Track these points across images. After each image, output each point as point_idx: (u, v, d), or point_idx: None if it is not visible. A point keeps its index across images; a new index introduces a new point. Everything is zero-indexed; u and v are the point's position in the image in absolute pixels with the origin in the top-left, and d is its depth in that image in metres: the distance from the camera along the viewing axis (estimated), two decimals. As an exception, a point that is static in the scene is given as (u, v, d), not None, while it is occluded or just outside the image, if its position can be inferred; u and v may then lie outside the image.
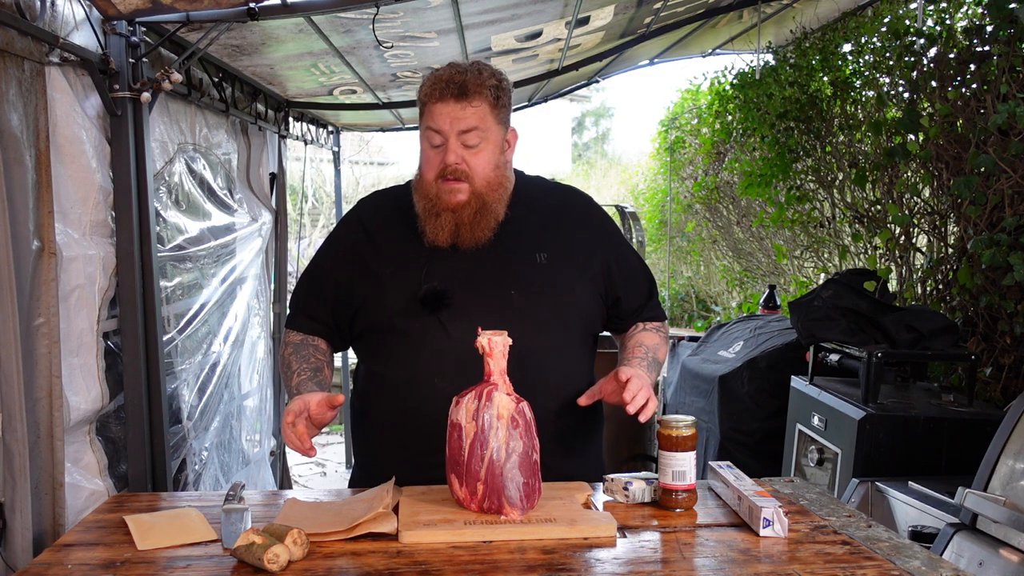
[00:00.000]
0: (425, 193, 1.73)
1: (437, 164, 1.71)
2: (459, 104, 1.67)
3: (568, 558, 1.34)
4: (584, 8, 3.48)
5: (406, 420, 1.72)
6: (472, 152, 1.69)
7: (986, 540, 1.99)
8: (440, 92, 1.67)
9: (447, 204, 1.70)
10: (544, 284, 1.75)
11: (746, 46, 5.37)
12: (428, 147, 1.72)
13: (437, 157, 1.71)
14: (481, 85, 1.68)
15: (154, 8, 2.21)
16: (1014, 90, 3.04)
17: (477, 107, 1.68)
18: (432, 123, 1.69)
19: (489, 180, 1.72)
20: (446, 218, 1.71)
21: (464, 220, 1.71)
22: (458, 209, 1.70)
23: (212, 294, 3.23)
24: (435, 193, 1.71)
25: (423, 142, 1.74)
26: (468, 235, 1.72)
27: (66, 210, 2.12)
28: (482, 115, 1.68)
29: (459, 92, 1.66)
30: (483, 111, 1.69)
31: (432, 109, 1.69)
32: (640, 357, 1.82)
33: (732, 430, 3.70)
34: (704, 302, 8.45)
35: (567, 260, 1.79)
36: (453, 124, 1.67)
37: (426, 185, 1.73)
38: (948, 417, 2.67)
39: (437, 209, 1.71)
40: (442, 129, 1.68)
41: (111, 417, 2.39)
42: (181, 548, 1.40)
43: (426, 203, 1.73)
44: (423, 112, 1.73)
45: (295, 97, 4.19)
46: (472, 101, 1.67)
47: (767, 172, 4.97)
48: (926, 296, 3.79)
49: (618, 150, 20.65)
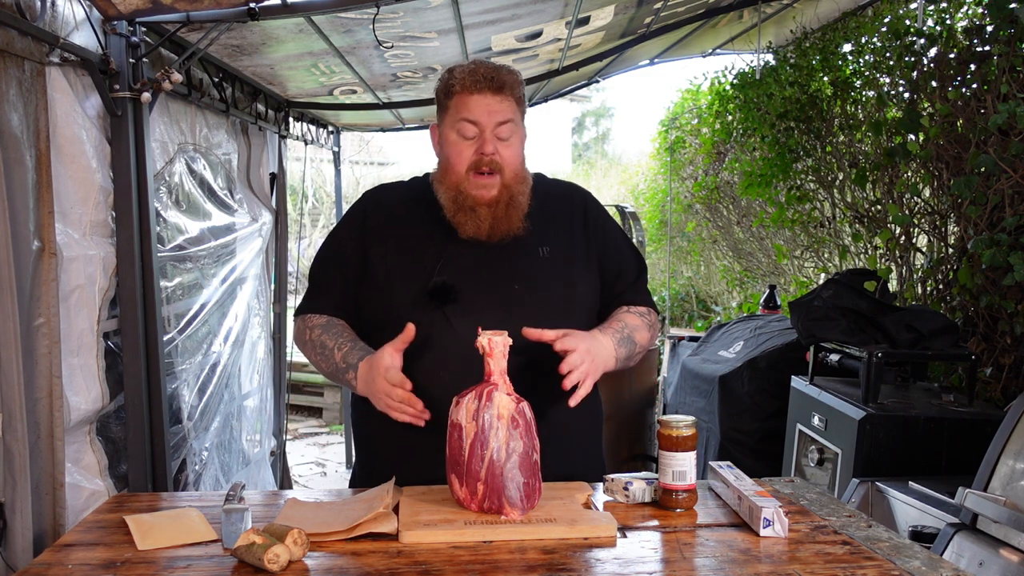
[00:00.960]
0: (455, 186, 1.73)
1: (470, 155, 1.72)
2: (496, 97, 1.71)
3: (568, 558, 1.34)
4: (584, 8, 3.48)
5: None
6: (504, 145, 1.73)
7: (986, 540, 1.99)
8: (477, 84, 1.70)
9: (480, 199, 1.71)
10: (548, 278, 1.77)
11: (746, 46, 5.37)
12: (459, 139, 1.73)
13: (470, 148, 1.72)
14: (514, 82, 1.74)
15: (154, 8, 2.21)
16: (1014, 90, 3.04)
17: (510, 102, 1.73)
18: (468, 114, 1.71)
19: (517, 173, 1.75)
20: (483, 212, 1.72)
21: (498, 215, 1.73)
22: (492, 204, 1.72)
23: (212, 294, 3.23)
24: (466, 187, 1.72)
25: (450, 134, 1.74)
26: (503, 228, 1.74)
27: (66, 210, 2.12)
28: (514, 110, 1.74)
29: (497, 86, 1.71)
30: (514, 106, 1.74)
31: (467, 100, 1.71)
32: (615, 329, 1.76)
33: (732, 430, 3.70)
34: (704, 302, 8.45)
35: (568, 253, 1.81)
36: (491, 116, 1.70)
37: (456, 178, 1.73)
38: (948, 417, 2.67)
39: (471, 204, 1.72)
40: (479, 120, 1.70)
41: (111, 417, 2.39)
42: (181, 548, 1.40)
43: (457, 195, 1.73)
44: (450, 105, 1.74)
45: (295, 97, 4.19)
46: (507, 95, 1.72)
47: (767, 172, 4.97)
48: (926, 296, 3.79)
49: (618, 150, 20.67)
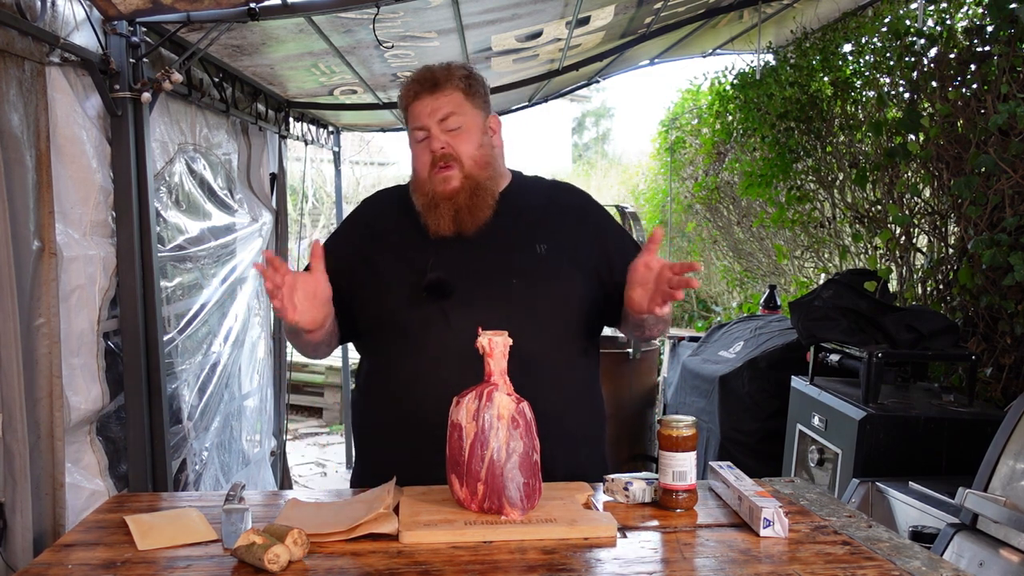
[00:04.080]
0: (421, 188, 1.80)
1: (427, 156, 1.78)
2: (432, 96, 1.77)
3: (568, 558, 1.34)
4: (584, 8, 3.48)
5: (409, 415, 1.72)
6: (455, 135, 1.77)
7: (986, 540, 1.99)
8: (415, 91, 1.79)
9: (442, 193, 1.76)
10: (545, 274, 1.78)
11: (746, 46, 5.37)
12: (415, 145, 1.82)
13: (425, 150, 1.78)
14: (450, 76, 1.79)
15: (154, 8, 2.21)
16: (1014, 90, 3.04)
17: (450, 95, 1.78)
18: (415, 121, 1.79)
19: (476, 160, 1.79)
20: (445, 207, 1.76)
21: (462, 205, 1.76)
22: (454, 196, 1.76)
23: (212, 294, 3.23)
24: (430, 185, 1.77)
25: (412, 146, 1.83)
26: (469, 219, 1.77)
27: (66, 210, 2.12)
28: (457, 101, 1.78)
29: (431, 86, 1.78)
30: (457, 98, 1.78)
31: (412, 109, 1.80)
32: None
33: (732, 430, 3.70)
34: (704, 302, 8.44)
35: (566, 251, 1.82)
36: (432, 114, 1.77)
37: (421, 181, 1.80)
38: (948, 417, 2.67)
39: (435, 200, 1.77)
40: (423, 123, 1.78)
41: (111, 417, 2.39)
42: (181, 548, 1.40)
43: (423, 198, 1.79)
44: (407, 117, 1.84)
45: (295, 97, 4.19)
46: (444, 91, 1.78)
47: (767, 172, 4.97)
48: (926, 296, 3.79)
49: (618, 150, 20.62)
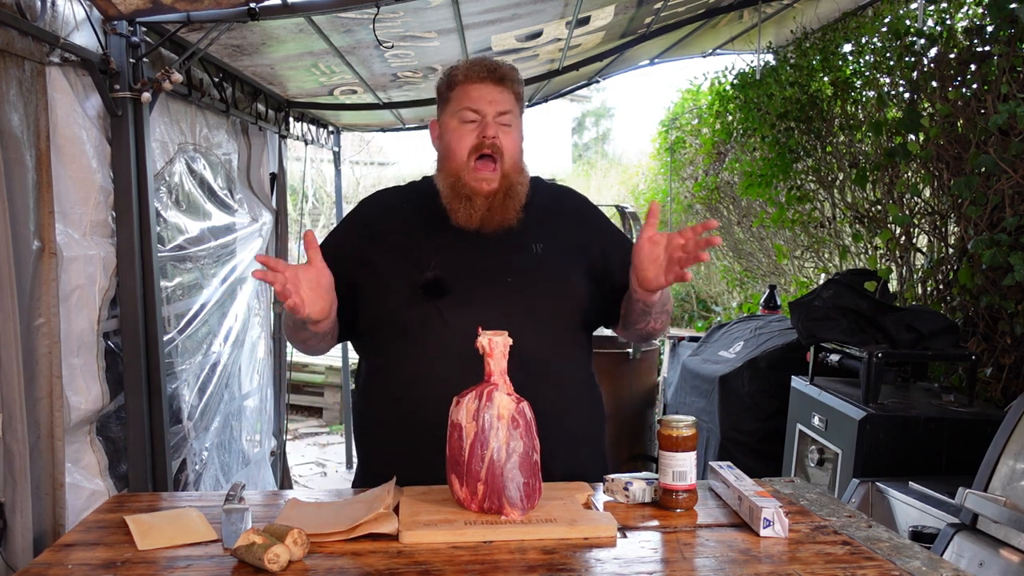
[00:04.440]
0: (455, 172, 1.76)
1: (472, 139, 1.75)
2: (497, 87, 1.77)
3: (568, 558, 1.34)
4: (584, 8, 3.48)
5: (408, 415, 1.72)
6: (505, 132, 1.78)
7: (986, 540, 1.99)
8: (479, 75, 1.77)
9: (478, 191, 1.75)
10: (541, 273, 1.78)
11: (746, 46, 5.37)
12: (460, 125, 1.78)
13: (472, 133, 1.76)
14: (514, 77, 1.81)
15: (154, 8, 2.21)
16: (1014, 90, 3.04)
17: (510, 94, 1.79)
18: (470, 103, 1.76)
19: (516, 162, 1.80)
20: (479, 202, 1.75)
21: (495, 205, 1.76)
22: (490, 196, 1.76)
23: (212, 294, 3.23)
24: (466, 177, 1.75)
25: (451, 122, 1.79)
26: (498, 218, 1.77)
27: (66, 210, 2.12)
28: (513, 102, 1.80)
29: (498, 77, 1.78)
30: (513, 99, 1.80)
31: (469, 90, 1.77)
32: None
33: (732, 430, 3.70)
34: (704, 302, 8.44)
35: (562, 251, 1.82)
36: (492, 104, 1.76)
37: (457, 164, 1.77)
38: (948, 417, 2.67)
39: (468, 193, 1.75)
40: (481, 108, 1.76)
41: (111, 417, 2.39)
42: (181, 548, 1.40)
43: (455, 183, 1.76)
44: (452, 96, 1.80)
45: (295, 97, 4.19)
46: (507, 87, 1.79)
47: (767, 172, 4.97)
48: (926, 296, 3.79)
49: (618, 150, 20.60)
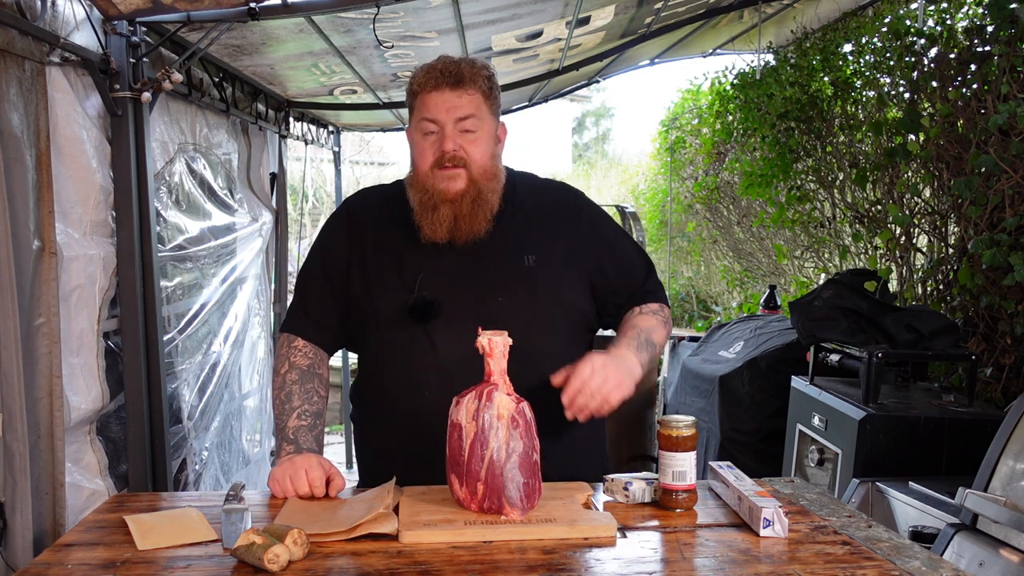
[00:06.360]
0: (421, 185, 1.69)
1: (433, 153, 1.67)
2: (455, 92, 1.65)
3: (568, 558, 1.34)
4: (584, 8, 3.48)
5: (399, 427, 1.72)
6: (469, 140, 1.67)
7: (986, 540, 1.98)
8: (435, 81, 1.66)
9: (445, 194, 1.66)
10: (532, 289, 1.71)
11: (747, 46, 5.37)
12: (421, 138, 1.69)
13: (432, 146, 1.67)
14: (476, 75, 1.67)
15: (155, 8, 2.21)
16: (1015, 90, 3.04)
17: (472, 95, 1.66)
18: (427, 113, 1.66)
19: (485, 168, 1.69)
20: (444, 211, 1.66)
21: (463, 212, 1.67)
22: (456, 199, 1.66)
23: (212, 294, 3.24)
24: (432, 183, 1.67)
25: (415, 135, 1.71)
26: (466, 228, 1.68)
27: (66, 210, 2.12)
28: (477, 103, 1.67)
29: (455, 81, 1.65)
30: (478, 100, 1.67)
31: (426, 99, 1.66)
32: (630, 338, 1.72)
33: (732, 430, 3.70)
34: (704, 302, 8.44)
35: (555, 260, 1.75)
36: (450, 112, 1.65)
37: (422, 177, 1.69)
38: (948, 417, 2.67)
39: (434, 201, 1.67)
40: (438, 118, 1.65)
41: (111, 417, 2.39)
42: (181, 548, 1.40)
43: (422, 196, 1.68)
44: (415, 104, 1.70)
45: (295, 97, 4.19)
46: (467, 89, 1.66)
47: (768, 172, 4.97)
48: (926, 296, 3.79)
49: (618, 150, 20.59)
